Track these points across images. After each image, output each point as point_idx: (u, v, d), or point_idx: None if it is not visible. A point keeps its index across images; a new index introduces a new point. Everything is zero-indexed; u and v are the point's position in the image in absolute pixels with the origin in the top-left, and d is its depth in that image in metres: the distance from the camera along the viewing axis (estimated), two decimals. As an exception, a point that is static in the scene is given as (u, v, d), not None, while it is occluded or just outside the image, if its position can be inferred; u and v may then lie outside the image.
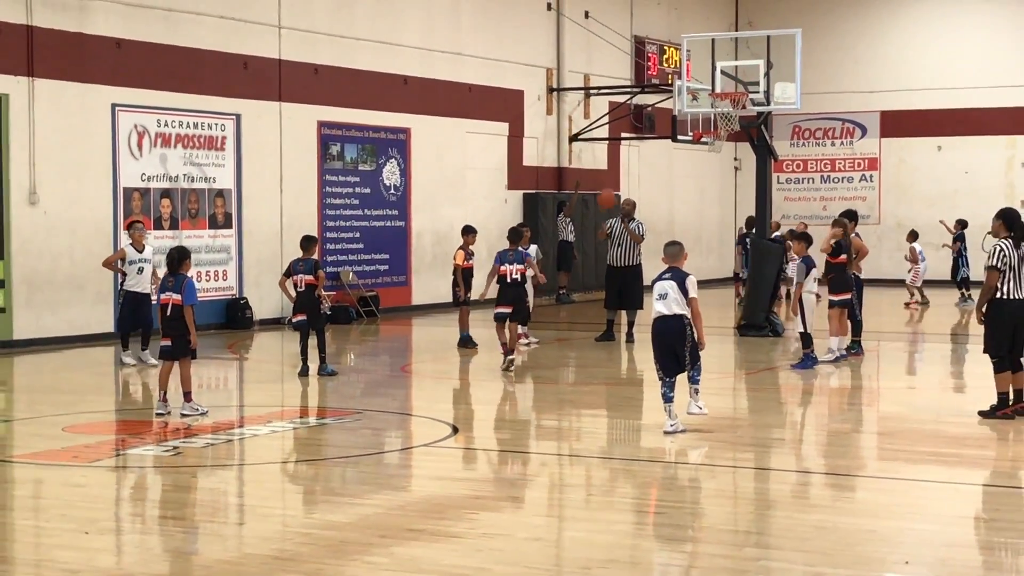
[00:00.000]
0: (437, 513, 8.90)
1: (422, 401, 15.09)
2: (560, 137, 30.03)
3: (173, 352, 12.92)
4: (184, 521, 8.84)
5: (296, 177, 23.40)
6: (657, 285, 11.87)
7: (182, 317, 12.82)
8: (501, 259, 16.79)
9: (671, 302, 11.72)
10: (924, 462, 10.80)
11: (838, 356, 17.20)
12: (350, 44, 24.37)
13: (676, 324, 11.74)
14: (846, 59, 34.84)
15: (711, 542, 8.22)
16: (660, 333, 11.84)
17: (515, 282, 16.49)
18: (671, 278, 11.80)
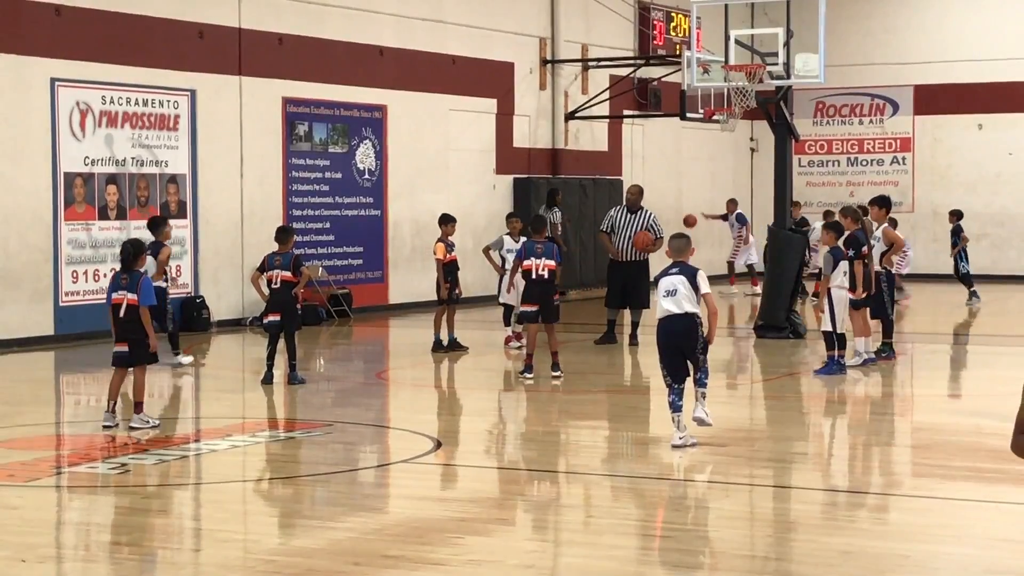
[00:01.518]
0: (417, 537, 8.91)
1: (400, 412, 15.10)
2: (555, 115, 30.05)
3: (131, 358, 12.92)
4: (133, 547, 8.84)
5: (258, 160, 23.39)
6: (664, 281, 11.90)
7: (139, 319, 12.82)
8: (527, 252, 16.68)
9: (681, 299, 11.76)
10: (962, 479, 10.84)
11: (866, 360, 17.25)
12: (318, 11, 24.36)
13: (686, 323, 11.78)
14: (875, 27, 34.89)
15: (725, 569, 8.25)
16: (668, 334, 11.87)
17: (541, 278, 16.41)
18: (679, 272, 11.85)
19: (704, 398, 12.00)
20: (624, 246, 20.02)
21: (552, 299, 16.45)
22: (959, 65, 34.17)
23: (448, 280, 18.85)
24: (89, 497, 10.58)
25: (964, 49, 34.08)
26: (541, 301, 16.34)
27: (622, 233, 20.04)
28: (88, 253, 20.71)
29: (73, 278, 20.50)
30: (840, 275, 16.56)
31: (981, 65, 33.90)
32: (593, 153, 30.98)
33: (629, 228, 20.03)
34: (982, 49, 33.84)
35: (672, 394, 11.90)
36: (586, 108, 30.16)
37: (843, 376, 16.47)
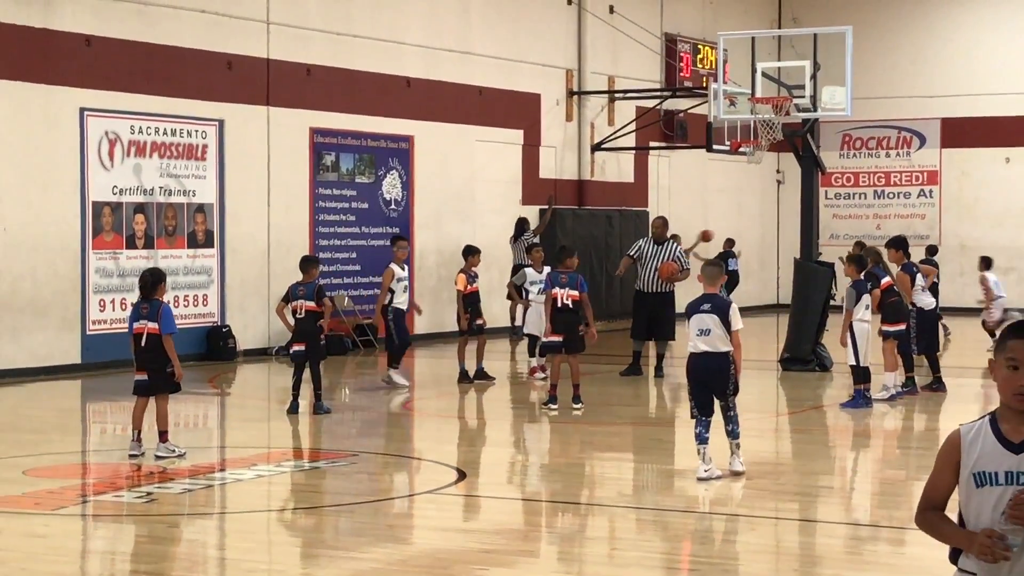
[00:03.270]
0: (442, 568, 8.90)
1: (425, 442, 15.09)
2: (581, 146, 30.09)
3: (151, 387, 12.95)
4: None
5: (285, 190, 23.47)
6: (695, 319, 11.83)
7: (160, 348, 12.86)
8: (552, 282, 16.71)
9: (715, 339, 11.72)
10: (990, 514, 10.76)
11: (893, 394, 17.19)
12: (347, 42, 24.48)
13: (720, 363, 11.74)
14: (902, 60, 34.87)
15: (750, 603, 8.21)
16: (698, 370, 11.85)
17: (566, 308, 16.38)
18: (711, 310, 11.76)
19: (738, 448, 11.98)
20: (650, 277, 20.02)
21: (577, 330, 16.40)
22: (986, 98, 34.10)
23: (468, 311, 18.91)
24: (115, 526, 10.61)
25: (991, 82, 34.01)
26: (566, 332, 16.32)
27: (649, 264, 20.05)
28: (115, 282, 20.80)
29: (100, 307, 20.58)
30: (863, 308, 16.51)
31: (1008, 99, 33.83)
32: (619, 184, 31.00)
33: (656, 259, 20.05)
34: (1010, 82, 33.77)
35: (699, 426, 11.87)
36: (612, 139, 30.20)
37: (869, 410, 16.41)
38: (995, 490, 4.47)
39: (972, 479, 4.52)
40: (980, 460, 4.50)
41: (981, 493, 4.51)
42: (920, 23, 34.97)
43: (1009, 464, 4.46)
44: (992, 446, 4.49)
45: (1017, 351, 4.47)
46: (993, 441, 4.50)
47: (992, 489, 4.48)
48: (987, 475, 4.49)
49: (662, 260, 20.00)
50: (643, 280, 20.10)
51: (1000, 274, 27.58)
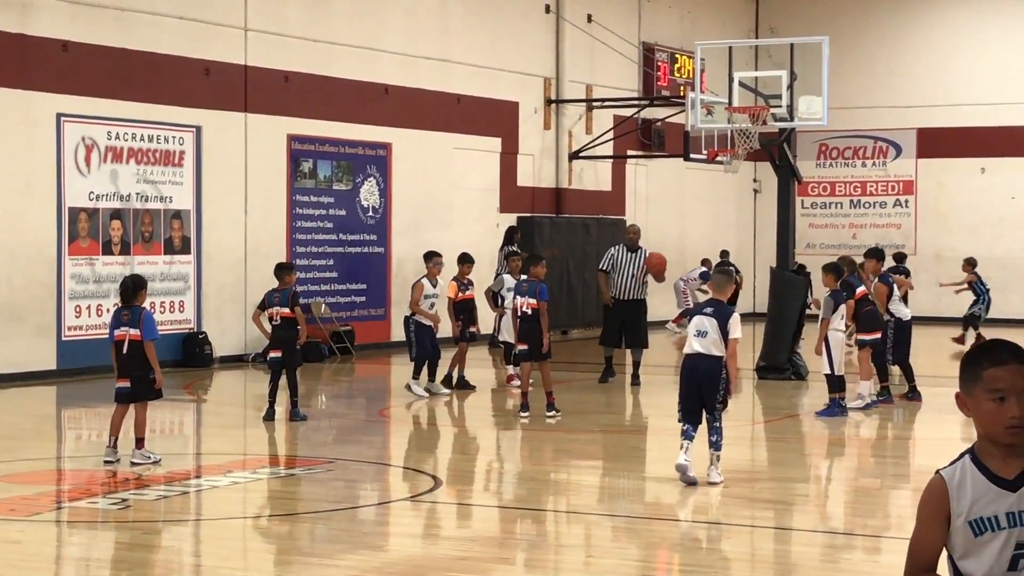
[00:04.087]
0: (417, 575, 8.91)
1: (401, 450, 15.10)
2: (559, 154, 30.13)
3: (133, 395, 12.91)
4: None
5: (263, 197, 23.44)
6: (696, 320, 11.96)
7: (142, 355, 12.82)
8: (515, 292, 16.81)
9: (710, 343, 11.80)
10: (964, 522, 10.80)
11: (869, 403, 17.24)
12: (325, 49, 24.47)
13: (712, 366, 11.81)
14: (879, 70, 35.01)
15: (725, 611, 8.23)
16: (691, 372, 11.94)
17: (525, 316, 16.44)
18: (713, 315, 11.86)
19: (718, 460, 12.03)
20: (625, 284, 20.06)
21: (539, 337, 16.39)
22: (962, 109, 34.26)
23: (460, 318, 18.95)
24: (90, 532, 10.58)
25: (967, 93, 34.18)
26: (529, 340, 16.39)
27: (623, 271, 20.09)
28: (92, 288, 20.74)
29: (76, 313, 20.52)
30: (838, 318, 16.57)
31: (984, 109, 33.99)
32: (596, 193, 31.04)
33: (629, 267, 20.10)
34: (985, 93, 33.94)
35: (686, 425, 11.97)
36: (590, 148, 30.24)
37: (844, 418, 16.46)
38: (998, 536, 3.94)
39: (969, 528, 3.96)
40: (975, 506, 3.96)
41: (981, 542, 3.95)
42: (897, 34, 35.11)
43: (1008, 504, 3.94)
44: (985, 488, 3.96)
45: (1002, 380, 3.93)
46: (984, 482, 3.97)
47: (995, 535, 3.94)
48: (986, 521, 3.95)
49: (634, 269, 20.07)
50: (617, 287, 20.13)
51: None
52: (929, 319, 31.24)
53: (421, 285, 18.58)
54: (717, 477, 11.96)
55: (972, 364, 4.00)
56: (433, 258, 18.82)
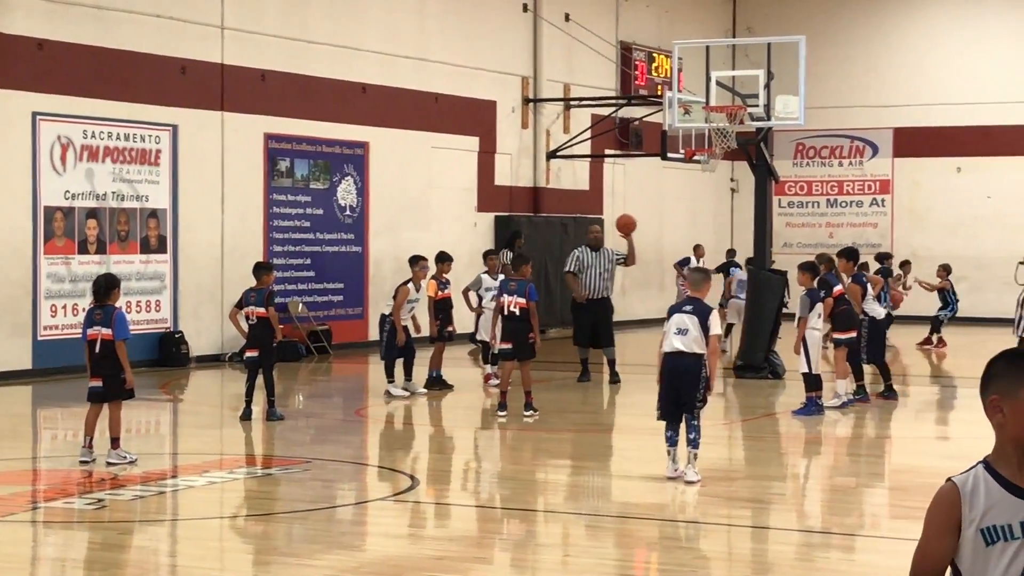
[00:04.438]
0: (395, 575, 8.88)
1: (379, 449, 15.07)
2: (537, 154, 30.13)
3: (105, 394, 12.88)
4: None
5: (240, 196, 23.39)
6: (676, 318, 11.99)
7: (114, 354, 12.79)
8: (502, 290, 16.78)
9: (691, 340, 11.87)
10: (940, 521, 10.82)
11: (845, 401, 17.28)
12: (302, 48, 24.42)
13: (693, 364, 11.88)
14: (855, 70, 35.10)
15: (702, 610, 8.24)
16: (673, 370, 11.98)
17: (513, 315, 16.43)
18: (692, 312, 11.93)
19: (695, 459, 12.06)
20: (592, 284, 20.13)
21: (527, 337, 16.42)
22: (938, 108, 34.37)
23: (439, 317, 18.95)
24: (65, 532, 10.54)
25: (943, 92, 34.29)
26: (514, 339, 16.36)
27: (590, 271, 20.19)
28: (67, 287, 20.67)
29: (52, 312, 20.44)
30: (815, 317, 16.59)
31: (960, 108, 34.11)
32: (574, 192, 31.05)
33: (595, 267, 20.23)
34: (961, 93, 34.06)
35: (668, 429, 12.06)
36: (567, 147, 30.25)
37: (821, 417, 16.49)
38: (1011, 545, 3.83)
39: (980, 536, 3.85)
40: (989, 514, 3.84)
41: (992, 551, 3.84)
42: (873, 34, 35.20)
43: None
44: (999, 496, 3.85)
45: None
46: (999, 490, 3.86)
47: (1007, 545, 3.83)
48: (999, 529, 3.84)
49: (600, 269, 20.20)
50: (586, 288, 20.21)
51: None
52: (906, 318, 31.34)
53: (406, 290, 18.48)
54: (694, 476, 11.99)
55: (1016, 367, 3.85)
56: (419, 262, 18.73)
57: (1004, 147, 33.87)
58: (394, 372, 18.45)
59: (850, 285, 17.86)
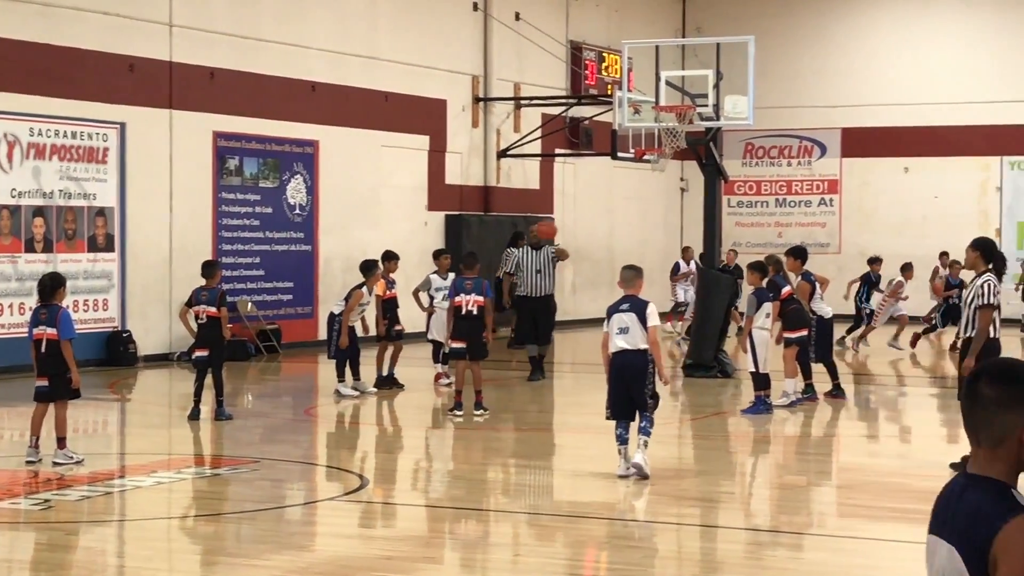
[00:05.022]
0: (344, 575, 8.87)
1: (328, 449, 15.02)
2: (487, 152, 30.13)
3: (51, 394, 12.79)
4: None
5: (188, 194, 23.26)
6: (616, 318, 12.08)
7: (60, 354, 12.70)
8: (456, 289, 16.77)
9: (635, 337, 11.99)
10: (887, 519, 10.92)
11: (793, 400, 17.36)
12: (251, 45, 24.32)
13: (639, 360, 12.00)
14: (804, 70, 35.30)
15: (651, 608, 8.25)
16: (621, 369, 12.06)
17: (470, 314, 16.43)
18: (630, 309, 12.05)
19: (646, 447, 12.11)
20: (533, 282, 20.37)
21: (480, 336, 16.47)
22: (886, 109, 34.61)
23: (387, 317, 18.93)
24: (11, 533, 10.44)
25: (891, 93, 34.53)
26: (469, 338, 16.36)
27: (529, 269, 20.45)
28: (13, 286, 20.49)
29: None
30: (763, 316, 16.67)
31: (907, 109, 34.37)
32: (525, 191, 31.07)
33: (535, 265, 20.50)
34: (909, 93, 34.31)
35: (619, 427, 12.14)
36: (518, 146, 30.26)
37: (770, 416, 16.57)
38: None
39: None
40: None
41: None
42: (822, 34, 35.41)
43: None
44: None
45: None
46: None
47: None
48: None
49: (539, 267, 20.44)
50: (526, 285, 20.41)
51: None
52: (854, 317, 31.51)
53: (360, 294, 18.39)
54: (642, 460, 12.08)
55: None
56: (375, 268, 18.65)
57: (951, 147, 34.15)
58: (344, 372, 18.40)
59: (799, 284, 17.95)
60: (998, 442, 3.55)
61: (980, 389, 3.58)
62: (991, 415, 3.55)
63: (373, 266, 18.65)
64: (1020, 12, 33.68)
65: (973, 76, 33.84)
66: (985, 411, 3.56)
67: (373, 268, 18.61)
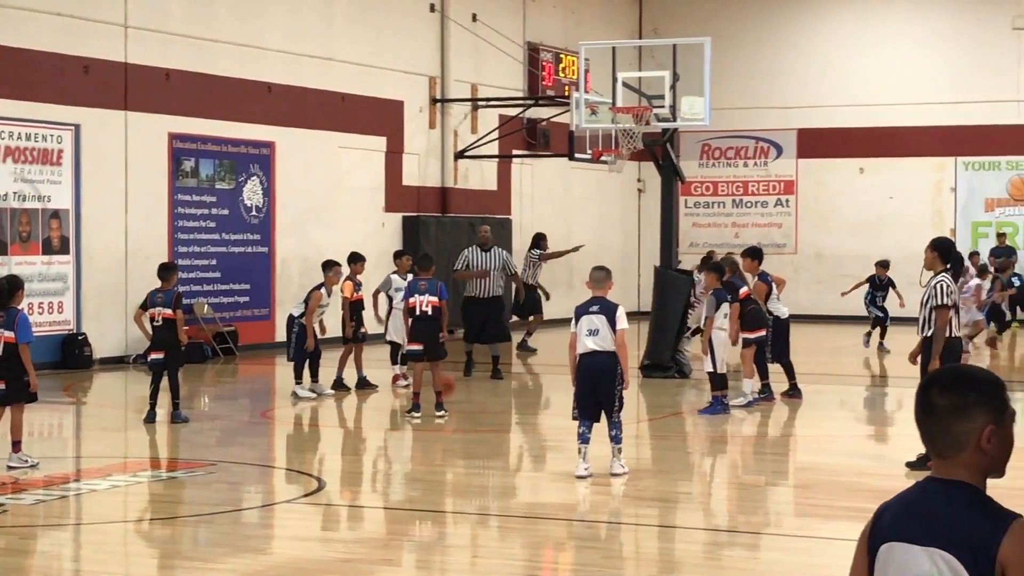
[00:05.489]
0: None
1: (286, 451, 14.98)
2: (444, 154, 30.11)
3: (7, 397, 12.70)
4: (10, 590, 8.68)
5: (144, 196, 23.14)
6: (585, 320, 12.13)
7: (17, 357, 12.62)
8: (411, 290, 16.74)
9: (604, 340, 12.05)
10: (844, 518, 10.96)
11: (751, 400, 17.43)
12: (207, 47, 24.22)
13: (608, 361, 12.05)
14: (760, 71, 35.43)
15: (609, 609, 8.26)
16: (589, 369, 12.11)
17: (425, 315, 16.42)
18: (600, 311, 12.10)
19: (620, 453, 12.21)
20: (482, 283, 20.78)
21: (438, 337, 16.46)
22: (841, 110, 34.78)
23: (353, 319, 18.91)
24: (-35, 538, 10.36)
25: (846, 94, 34.70)
26: (426, 339, 16.34)
27: (478, 270, 20.84)
28: (-33, 289, 20.30)
29: (-49, 314, 20.08)
30: (720, 317, 16.72)
31: (862, 110, 34.55)
32: (482, 192, 31.07)
33: (483, 267, 20.81)
34: (864, 94, 34.49)
35: (582, 426, 12.18)
36: (475, 147, 30.25)
37: (727, 416, 16.62)
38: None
39: None
40: None
41: None
42: (777, 35, 35.56)
43: None
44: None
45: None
46: None
47: None
48: None
49: (488, 268, 20.82)
50: (475, 287, 20.76)
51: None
52: (810, 317, 31.71)
53: (319, 295, 18.35)
54: (620, 468, 12.19)
55: (1003, 390, 3.59)
56: (333, 267, 18.60)
57: (905, 148, 34.36)
58: (303, 374, 18.35)
59: (756, 284, 18.03)
60: (958, 450, 3.55)
61: (933, 399, 3.56)
62: (947, 425, 3.54)
63: (330, 266, 18.61)
64: (973, 13, 33.92)
65: (928, 77, 34.07)
66: (941, 421, 3.55)
67: (330, 268, 18.57)
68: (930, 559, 3.51)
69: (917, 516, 3.57)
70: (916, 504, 3.60)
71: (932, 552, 3.51)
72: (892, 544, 3.59)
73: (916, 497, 3.62)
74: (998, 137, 33.59)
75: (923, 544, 3.53)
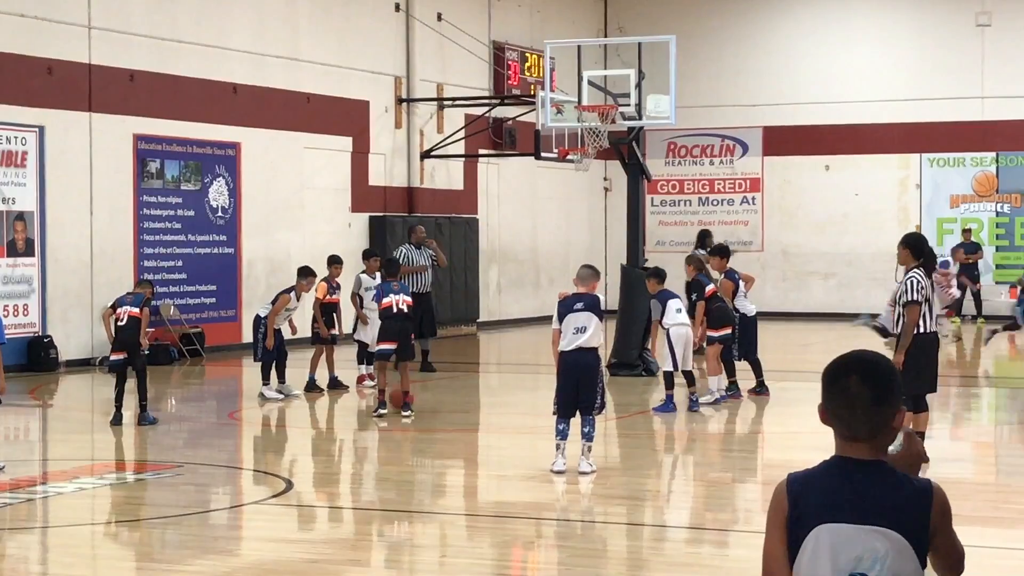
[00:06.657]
0: (270, 580, 8.84)
1: (253, 452, 14.96)
2: (411, 153, 30.09)
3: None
4: (-23, 594, 8.65)
5: (109, 198, 23.06)
6: (571, 318, 12.25)
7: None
8: (384, 292, 16.74)
9: (591, 337, 12.21)
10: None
11: (718, 398, 17.49)
12: (171, 47, 24.14)
13: (591, 358, 12.25)
14: (725, 70, 35.54)
15: (578, 607, 8.29)
16: (574, 366, 12.22)
17: (401, 313, 16.44)
18: (585, 308, 12.23)
19: (589, 451, 12.31)
20: (416, 279, 21.08)
21: (410, 337, 16.54)
22: (807, 107, 34.93)
23: (326, 320, 18.93)
24: (-70, 543, 10.32)
25: (811, 92, 34.85)
26: (399, 339, 16.37)
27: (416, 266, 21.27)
28: (-69, 292, 20.22)
29: (-85, 317, 19.99)
30: (673, 312, 16.71)
31: (828, 107, 34.70)
32: (449, 192, 31.07)
33: (418, 263, 21.33)
34: (829, 92, 34.64)
35: (560, 422, 12.28)
36: (441, 147, 30.25)
37: (674, 414, 16.58)
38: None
39: None
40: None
41: None
42: (743, 33, 35.67)
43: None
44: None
45: None
46: None
47: None
48: None
49: (427, 263, 21.39)
50: (412, 283, 20.81)
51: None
52: (776, 314, 31.83)
53: (287, 298, 18.37)
54: (588, 467, 12.25)
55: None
56: (308, 277, 18.58)
57: (870, 145, 34.52)
58: (270, 374, 18.33)
59: (722, 281, 18.10)
60: (873, 434, 3.79)
61: (851, 388, 3.80)
62: (865, 412, 3.78)
63: (306, 274, 18.58)
64: (937, 10, 34.10)
65: (892, 74, 34.24)
66: (859, 408, 3.79)
67: (305, 275, 18.54)
68: (869, 535, 3.69)
69: (845, 497, 3.77)
70: (840, 486, 3.80)
71: (869, 530, 3.70)
72: (822, 527, 3.75)
73: (837, 479, 3.82)
74: (963, 133, 33.77)
75: (857, 523, 3.71)
